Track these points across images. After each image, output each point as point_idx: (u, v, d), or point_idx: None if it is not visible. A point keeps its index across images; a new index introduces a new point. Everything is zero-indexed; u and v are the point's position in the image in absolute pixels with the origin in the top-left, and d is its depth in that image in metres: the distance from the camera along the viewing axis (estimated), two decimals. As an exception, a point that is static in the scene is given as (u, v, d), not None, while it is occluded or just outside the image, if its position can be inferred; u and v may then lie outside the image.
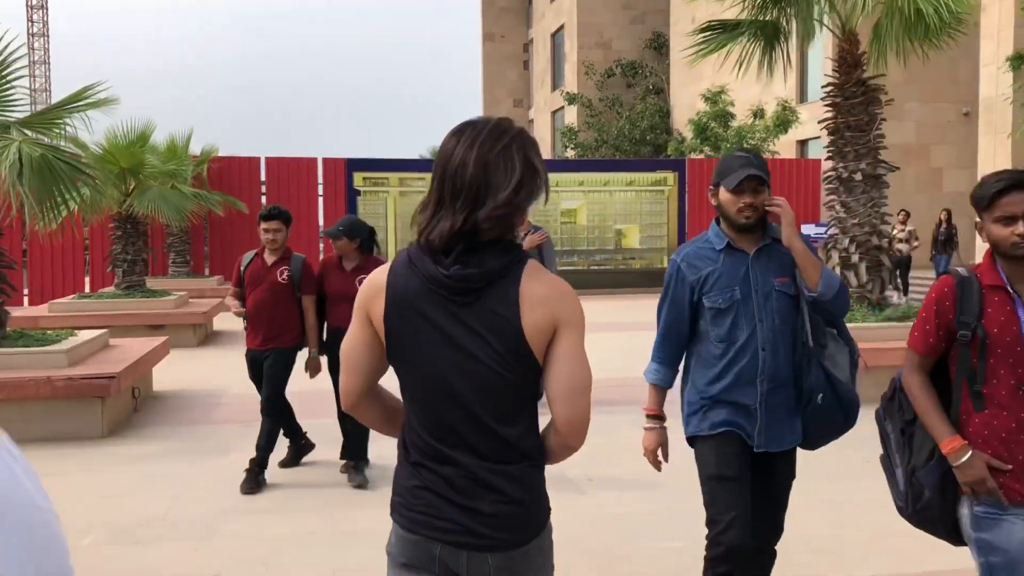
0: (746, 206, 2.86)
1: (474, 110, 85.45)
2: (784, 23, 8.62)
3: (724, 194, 2.91)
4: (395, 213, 19.10)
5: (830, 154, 8.64)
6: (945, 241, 16.49)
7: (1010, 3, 12.47)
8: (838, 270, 8.49)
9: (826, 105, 8.59)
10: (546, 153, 38.75)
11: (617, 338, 12.24)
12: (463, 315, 1.76)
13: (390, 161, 19.33)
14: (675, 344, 3.05)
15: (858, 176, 8.33)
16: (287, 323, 5.55)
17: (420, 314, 1.77)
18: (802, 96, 23.74)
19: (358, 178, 19.03)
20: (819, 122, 8.79)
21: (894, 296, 8.57)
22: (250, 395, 6.31)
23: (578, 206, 20.19)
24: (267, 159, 18.98)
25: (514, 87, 46.79)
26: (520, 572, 1.80)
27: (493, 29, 46.65)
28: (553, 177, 20.91)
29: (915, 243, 15.76)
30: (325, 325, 5.70)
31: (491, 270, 1.74)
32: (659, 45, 34.52)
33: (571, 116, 35.12)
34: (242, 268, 5.70)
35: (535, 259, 1.86)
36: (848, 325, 8.08)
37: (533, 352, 1.76)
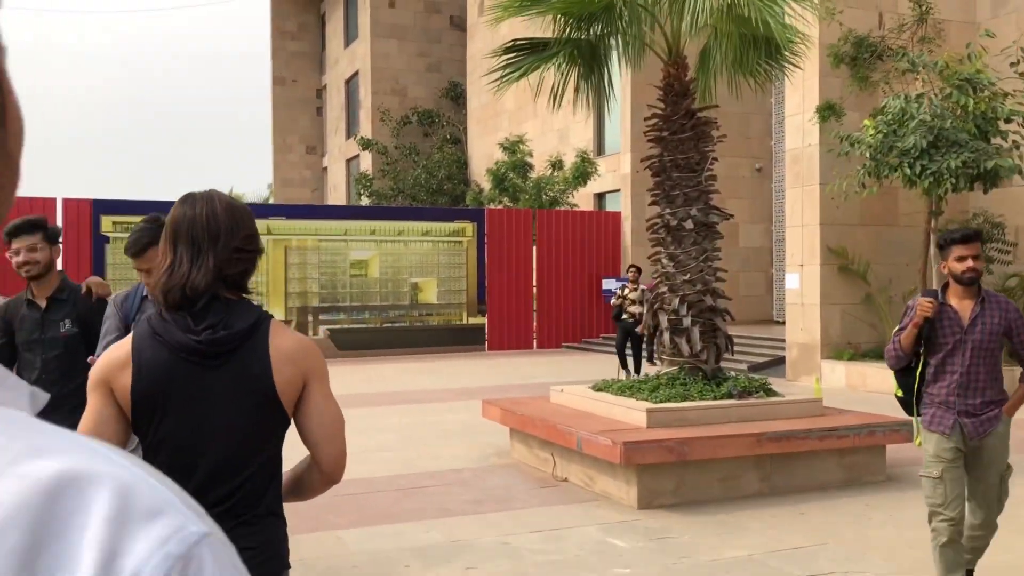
0: None
1: (264, 156, 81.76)
2: (604, 43, 7.31)
3: None
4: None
5: (655, 198, 7.36)
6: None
7: (815, 53, 12.05)
8: (667, 336, 7.16)
9: (650, 140, 7.32)
10: (341, 202, 36.68)
11: (404, 414, 10.36)
12: (214, 377, 1.82)
13: (147, 203, 16.59)
14: None
15: (688, 224, 7.08)
16: None
17: (170, 382, 1.81)
18: (600, 149, 23.26)
19: (107, 222, 16.21)
20: (642, 160, 7.51)
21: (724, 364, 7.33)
22: None
23: (370, 257, 18.32)
24: (-10, 198, 15.78)
25: (306, 133, 44.54)
26: None
27: (284, 73, 44.37)
28: (342, 225, 19.02)
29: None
30: None
31: (240, 331, 1.82)
32: (456, 95, 33.65)
33: (367, 164, 33.41)
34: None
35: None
36: (681, 405, 6.73)
37: (283, 405, 1.85)
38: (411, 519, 5.75)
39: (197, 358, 1.80)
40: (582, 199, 22.49)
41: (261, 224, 17.80)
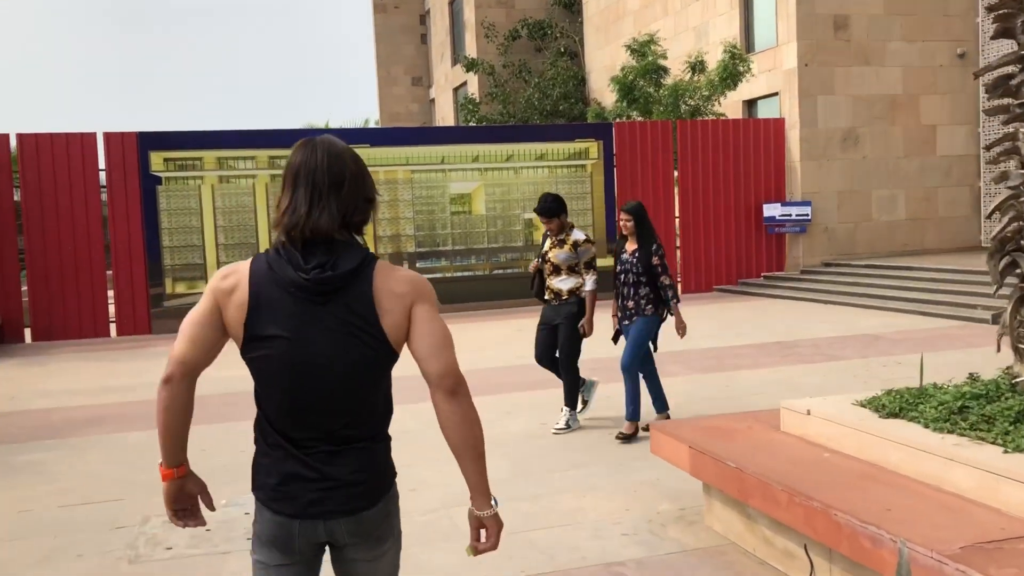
0: None
1: (369, 87, 78.80)
2: None
3: None
4: (213, 208, 13.53)
5: (1011, 63, 3.63)
6: (644, 276, 6.31)
7: None
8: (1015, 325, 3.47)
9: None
10: (445, 132, 33.50)
11: (522, 411, 6.83)
12: (321, 312, 1.91)
13: (201, 134, 13.68)
14: None
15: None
16: None
17: (280, 312, 1.90)
18: (749, 46, 18.95)
19: (156, 160, 13.39)
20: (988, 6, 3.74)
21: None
22: None
23: (473, 190, 14.99)
24: (21, 136, 13.19)
25: (412, 64, 41.31)
26: (365, 533, 1.98)
27: (385, -1, 41.08)
28: (439, 151, 15.35)
29: None
30: None
31: (345, 272, 1.90)
32: (570, 2, 29.53)
33: (474, 88, 29.95)
34: None
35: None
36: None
37: (389, 340, 1.94)
38: None
39: (304, 294, 1.89)
40: (727, 108, 18.40)
41: (342, 154, 14.74)
